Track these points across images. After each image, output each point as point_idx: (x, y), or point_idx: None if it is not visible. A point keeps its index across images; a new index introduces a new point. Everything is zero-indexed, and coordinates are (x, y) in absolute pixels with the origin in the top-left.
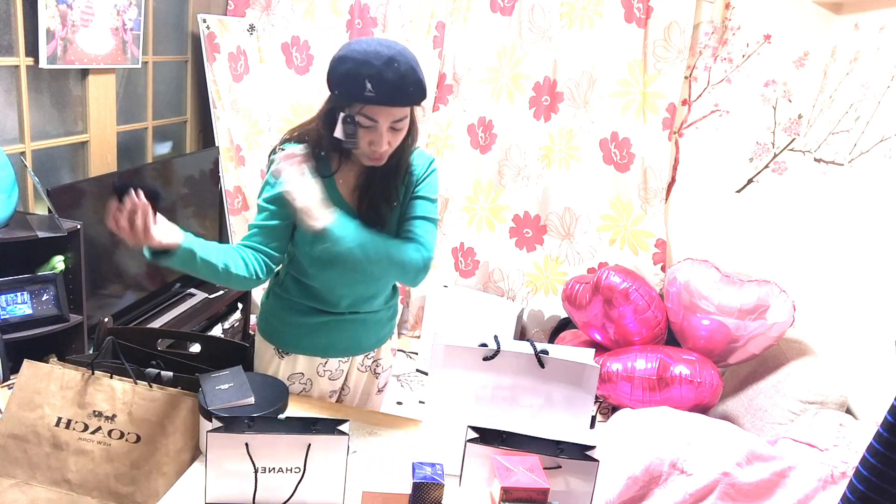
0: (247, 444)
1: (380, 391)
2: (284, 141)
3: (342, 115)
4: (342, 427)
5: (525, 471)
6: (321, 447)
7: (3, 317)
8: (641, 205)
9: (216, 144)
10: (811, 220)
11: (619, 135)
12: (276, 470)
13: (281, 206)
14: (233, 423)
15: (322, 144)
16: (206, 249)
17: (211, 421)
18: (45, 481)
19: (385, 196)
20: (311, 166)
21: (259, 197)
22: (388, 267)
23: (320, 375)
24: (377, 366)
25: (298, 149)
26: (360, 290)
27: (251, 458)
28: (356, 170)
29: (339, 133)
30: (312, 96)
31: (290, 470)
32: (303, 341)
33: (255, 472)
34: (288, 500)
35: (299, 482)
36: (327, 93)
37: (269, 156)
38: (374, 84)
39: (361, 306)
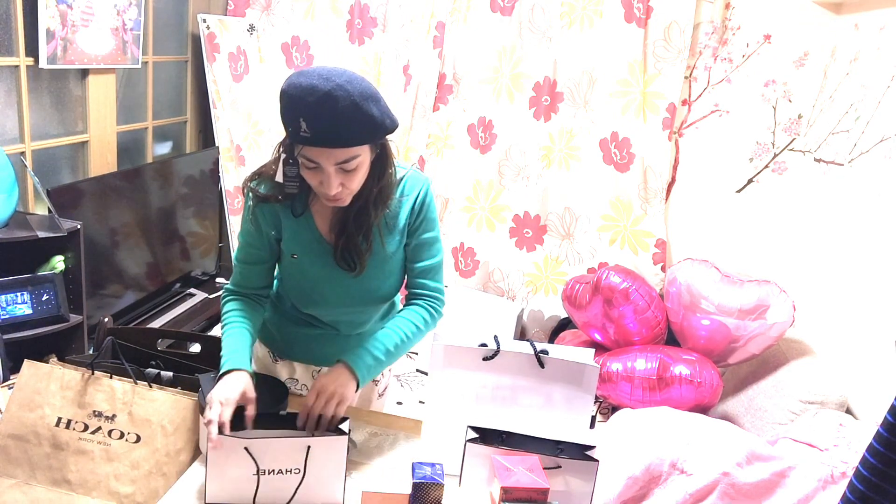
0: (247, 446)
1: (380, 396)
2: (253, 178)
3: (283, 156)
4: (342, 427)
5: (525, 471)
6: (321, 448)
7: (3, 317)
8: (641, 205)
9: (216, 144)
10: (811, 220)
11: (619, 135)
12: (277, 471)
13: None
14: (233, 423)
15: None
16: (248, 342)
17: None
18: (45, 481)
19: (362, 235)
20: (287, 205)
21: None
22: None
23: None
24: None
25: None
26: (350, 319)
27: (252, 459)
28: (332, 206)
29: (279, 176)
30: None
31: (291, 471)
32: (294, 349)
33: (256, 472)
34: (289, 501)
35: (300, 483)
36: None
37: (244, 189)
38: (308, 124)
39: (354, 329)
